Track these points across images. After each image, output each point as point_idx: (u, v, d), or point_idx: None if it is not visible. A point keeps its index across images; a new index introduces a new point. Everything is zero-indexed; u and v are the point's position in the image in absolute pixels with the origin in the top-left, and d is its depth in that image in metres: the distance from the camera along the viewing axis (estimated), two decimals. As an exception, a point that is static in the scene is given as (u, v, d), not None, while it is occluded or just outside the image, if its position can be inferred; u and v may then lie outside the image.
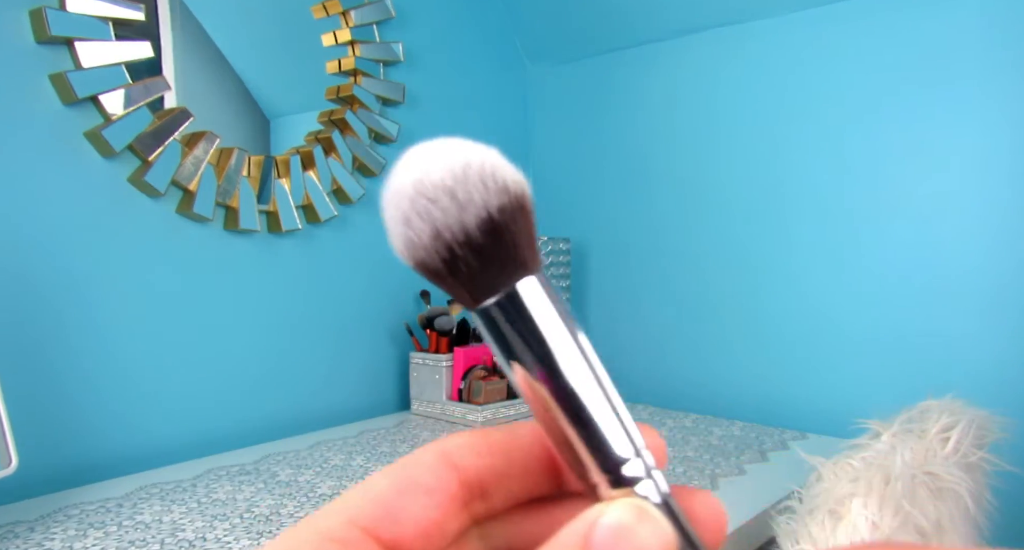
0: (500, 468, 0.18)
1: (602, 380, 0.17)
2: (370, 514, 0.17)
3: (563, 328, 0.17)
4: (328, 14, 1.36)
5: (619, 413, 0.17)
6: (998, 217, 1.20)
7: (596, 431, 0.17)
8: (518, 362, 0.17)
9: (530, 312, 0.17)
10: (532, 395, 0.17)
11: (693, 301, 1.56)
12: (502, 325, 0.17)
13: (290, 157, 1.28)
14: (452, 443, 0.18)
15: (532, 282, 0.17)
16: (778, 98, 1.43)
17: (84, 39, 0.99)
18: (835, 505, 0.69)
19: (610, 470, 0.17)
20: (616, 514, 0.15)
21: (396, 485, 0.17)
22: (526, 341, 0.17)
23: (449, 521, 0.17)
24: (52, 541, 0.79)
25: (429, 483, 0.17)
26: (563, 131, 1.79)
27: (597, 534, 0.15)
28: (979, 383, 1.20)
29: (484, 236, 0.17)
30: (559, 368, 0.17)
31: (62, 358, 1.01)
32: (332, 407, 1.38)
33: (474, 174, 0.17)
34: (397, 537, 0.17)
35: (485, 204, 0.17)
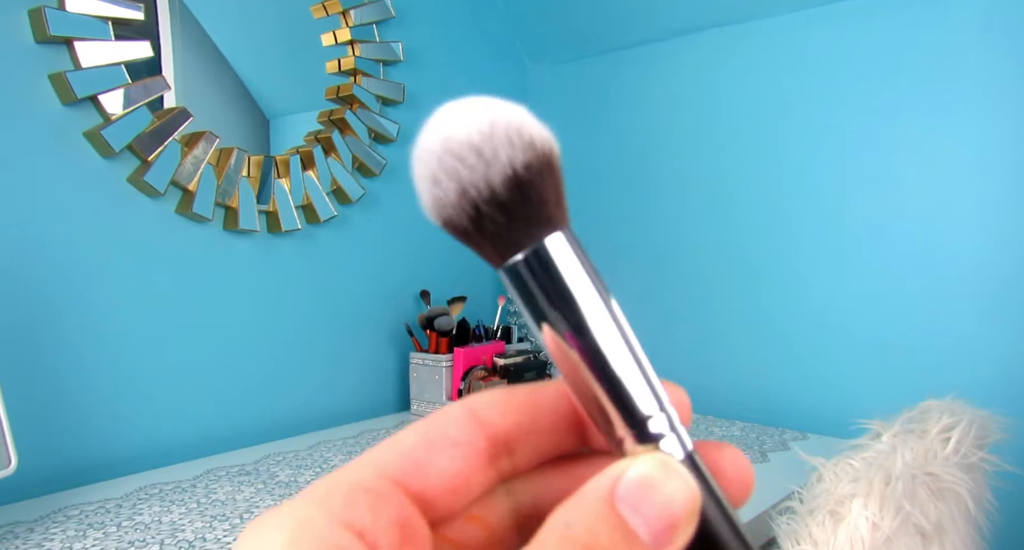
0: (525, 425, 0.18)
1: (628, 336, 0.17)
2: (399, 466, 0.17)
3: (590, 283, 0.17)
4: (328, 14, 1.36)
5: (645, 369, 0.17)
6: (998, 217, 1.20)
7: (622, 387, 0.17)
8: (545, 318, 0.17)
9: (557, 267, 0.17)
10: (559, 351, 0.17)
11: (693, 301, 1.56)
12: (529, 282, 0.17)
13: (290, 157, 1.28)
14: (478, 400, 0.18)
15: (559, 238, 0.17)
16: (778, 98, 1.43)
17: (83, 39, 0.99)
18: (835, 505, 0.68)
19: (635, 425, 0.17)
20: (642, 468, 0.15)
21: (425, 439, 0.17)
22: (552, 297, 0.17)
23: (476, 475, 0.18)
24: (52, 541, 0.79)
25: (456, 437, 0.17)
26: (563, 131, 1.77)
27: (622, 487, 0.15)
28: (980, 383, 1.20)
29: (510, 193, 0.17)
30: (586, 323, 0.17)
31: (62, 358, 1.01)
32: (332, 407, 1.38)
33: (500, 131, 0.17)
34: (425, 489, 0.17)
35: (511, 161, 0.17)
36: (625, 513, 0.15)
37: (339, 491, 0.16)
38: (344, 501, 0.16)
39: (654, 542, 0.15)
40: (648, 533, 0.15)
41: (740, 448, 1.12)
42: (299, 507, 0.15)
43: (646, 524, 0.15)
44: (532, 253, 0.17)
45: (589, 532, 0.15)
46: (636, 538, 0.15)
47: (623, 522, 0.15)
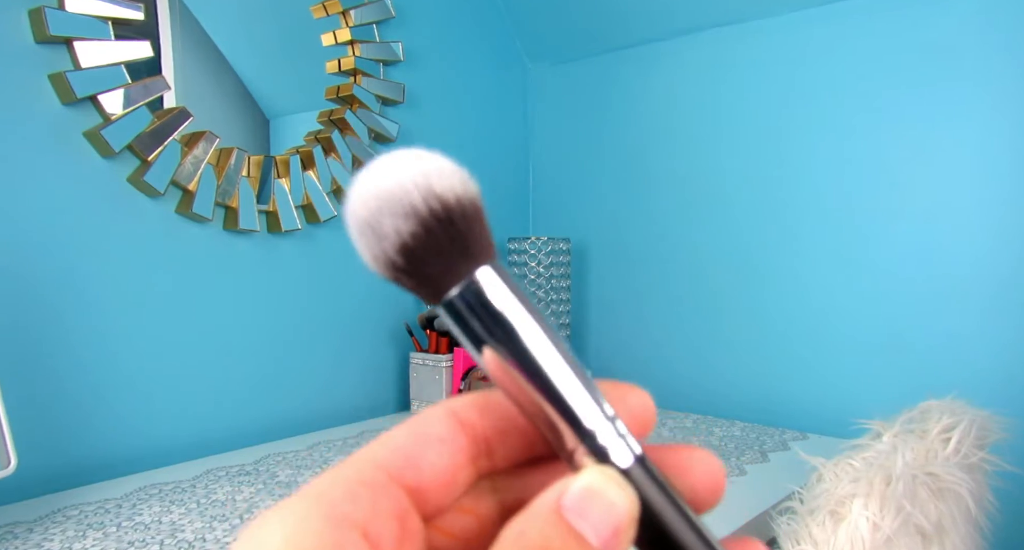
0: (502, 427, 0.20)
1: (566, 354, 0.18)
2: (393, 461, 0.18)
3: (522, 308, 0.18)
4: (328, 14, 1.36)
5: (587, 385, 0.18)
6: (999, 217, 1.20)
7: (565, 404, 0.18)
8: (485, 346, 0.18)
9: (488, 299, 0.18)
10: (502, 376, 0.18)
11: (693, 301, 1.56)
12: (464, 315, 0.19)
13: (290, 157, 1.28)
14: (457, 403, 0.20)
15: (488, 271, 0.19)
16: (778, 98, 1.43)
17: (83, 39, 0.99)
18: (836, 506, 0.68)
19: (583, 438, 0.18)
20: (584, 479, 0.17)
21: (414, 436, 0.18)
22: (489, 326, 0.18)
23: (461, 471, 0.19)
24: (51, 542, 0.79)
25: (442, 435, 0.19)
26: (563, 131, 1.79)
27: (568, 498, 0.16)
28: (980, 383, 1.20)
29: (406, 260, 0.18)
30: (523, 346, 0.18)
31: (61, 358, 1.01)
32: (332, 407, 1.38)
33: (384, 204, 0.18)
34: (419, 483, 0.18)
35: (397, 232, 0.18)
36: (573, 520, 0.16)
37: (339, 487, 0.16)
38: (344, 496, 0.16)
39: (602, 545, 0.16)
40: (596, 537, 0.16)
41: (740, 448, 1.13)
42: (298, 504, 0.16)
43: (593, 529, 0.16)
44: (467, 286, 0.18)
45: (542, 537, 0.16)
46: (586, 542, 0.16)
47: (572, 528, 0.16)
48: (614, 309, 1.70)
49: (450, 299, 0.19)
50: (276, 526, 0.15)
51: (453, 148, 1.66)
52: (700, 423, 1.35)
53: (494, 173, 1.75)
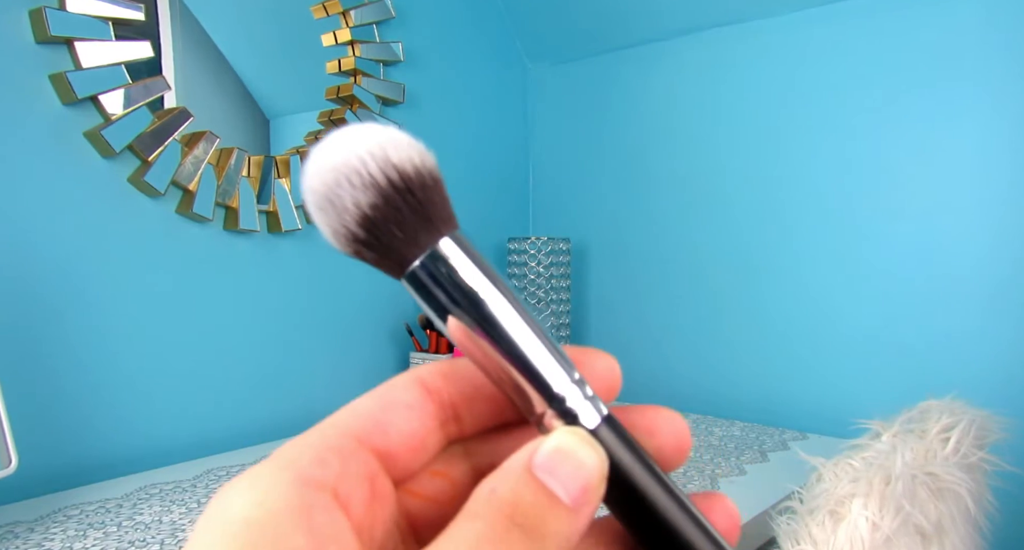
0: (469, 393, 0.20)
1: (529, 319, 0.19)
2: (361, 426, 0.18)
3: (484, 278, 0.19)
4: (328, 14, 1.36)
5: (550, 348, 0.19)
6: (998, 217, 1.20)
7: (532, 369, 0.18)
8: (451, 315, 0.19)
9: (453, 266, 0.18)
10: (469, 344, 0.18)
11: (693, 301, 1.56)
12: (428, 285, 0.19)
13: (290, 157, 1.28)
14: (424, 370, 0.20)
15: (448, 242, 0.19)
16: (778, 98, 1.43)
17: (84, 39, 0.99)
18: (835, 505, 0.68)
19: (551, 401, 0.18)
20: (556, 439, 0.17)
21: (380, 402, 0.19)
22: (452, 294, 0.18)
23: (430, 436, 0.19)
24: (52, 541, 0.79)
25: (409, 401, 0.19)
26: (563, 131, 1.79)
27: (539, 456, 0.16)
28: (980, 383, 1.20)
29: (368, 232, 0.18)
30: (488, 312, 0.18)
31: (62, 358, 1.01)
32: (332, 407, 1.36)
33: (342, 176, 0.18)
34: (387, 447, 0.18)
35: (356, 204, 0.18)
36: (544, 478, 0.16)
37: (307, 453, 0.17)
38: (313, 461, 0.16)
39: (573, 502, 0.16)
40: (566, 494, 0.16)
41: (740, 448, 1.13)
42: (267, 468, 0.16)
43: (563, 486, 0.16)
44: (429, 257, 0.18)
45: (513, 493, 0.16)
46: (557, 499, 0.16)
47: (543, 485, 0.16)
48: (614, 309, 1.70)
49: (413, 270, 0.19)
50: (245, 491, 0.15)
51: (453, 148, 1.67)
52: (700, 423, 1.35)
53: (494, 173, 1.76)
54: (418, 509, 0.19)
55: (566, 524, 0.16)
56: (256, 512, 0.15)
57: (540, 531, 0.16)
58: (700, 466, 1.08)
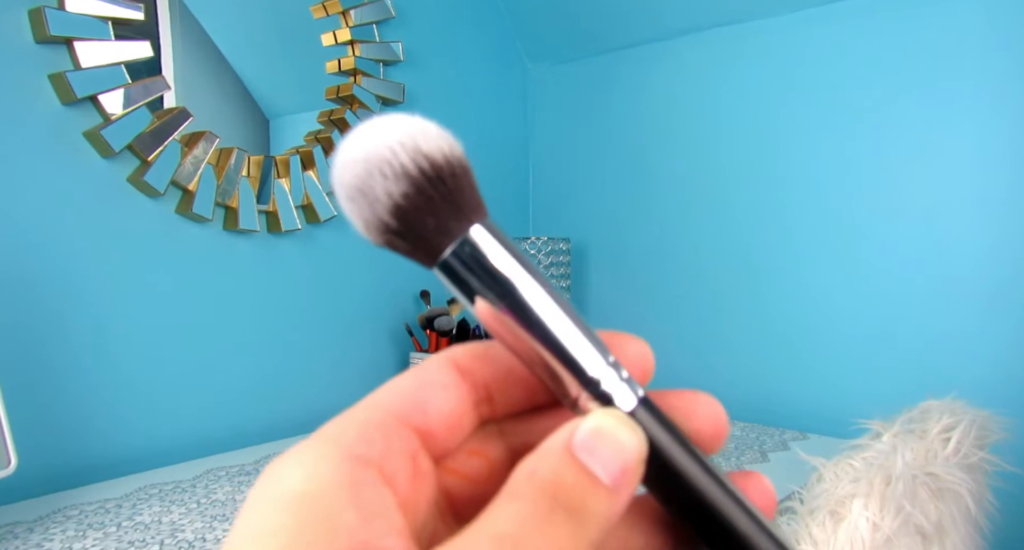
0: (501, 375, 0.20)
1: (562, 303, 0.19)
2: (401, 406, 0.18)
3: (517, 263, 0.19)
4: (328, 14, 1.36)
5: (585, 332, 0.19)
6: (998, 217, 1.20)
7: (567, 352, 0.18)
8: (484, 300, 0.19)
9: (485, 252, 0.19)
10: (502, 330, 0.19)
11: (693, 301, 1.56)
12: (461, 272, 0.19)
13: (290, 157, 1.28)
14: (457, 351, 0.20)
15: (480, 229, 0.19)
16: (778, 98, 1.43)
17: (83, 39, 0.99)
18: (836, 506, 0.68)
19: (586, 385, 0.18)
20: (594, 420, 0.17)
21: (417, 382, 0.19)
22: (485, 281, 0.18)
23: (465, 416, 0.19)
24: (51, 542, 0.79)
25: (445, 382, 0.19)
26: (563, 131, 1.79)
27: (578, 437, 0.17)
28: (980, 383, 1.20)
29: (400, 221, 0.18)
30: (521, 298, 0.18)
31: (61, 358, 1.01)
32: (332, 407, 1.37)
33: (374, 166, 0.18)
34: (426, 426, 0.18)
35: (388, 194, 0.18)
36: (583, 458, 0.16)
37: (353, 429, 0.17)
38: (358, 438, 0.17)
39: (612, 483, 0.16)
40: (606, 474, 0.16)
41: (740, 448, 1.13)
42: (315, 445, 0.16)
43: (603, 467, 0.16)
44: (460, 245, 0.19)
45: (555, 473, 0.16)
46: (597, 479, 0.16)
47: (583, 466, 0.16)
48: (614, 309, 1.70)
49: (445, 259, 0.19)
50: (296, 466, 0.16)
51: (453, 148, 1.68)
52: (700, 423, 1.35)
53: (494, 173, 1.75)
54: (456, 487, 0.19)
55: (606, 504, 0.16)
56: (308, 486, 0.15)
57: (581, 512, 0.16)
58: (700, 466, 1.08)
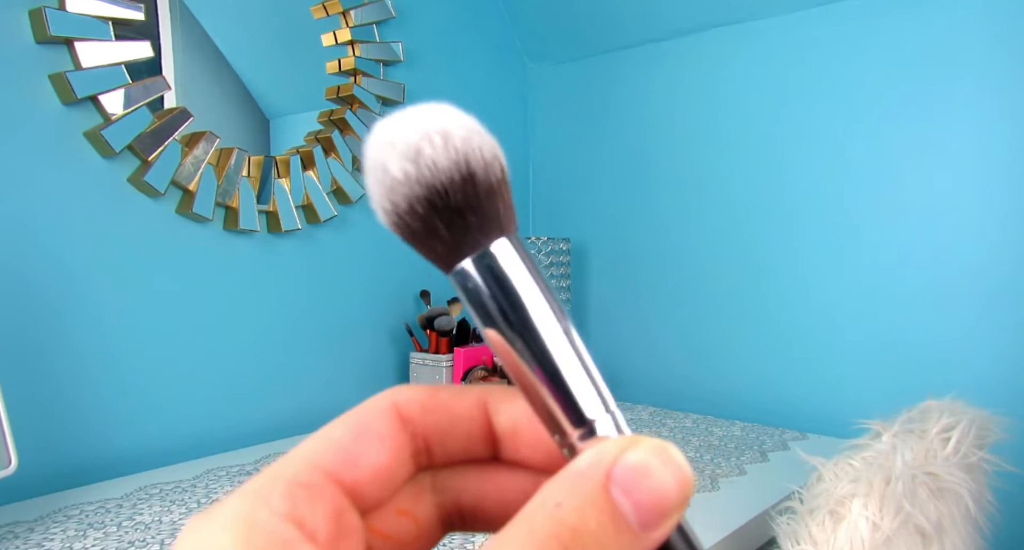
0: (441, 427, 0.19)
1: (574, 338, 0.18)
2: (331, 460, 0.17)
3: (536, 288, 0.18)
4: (328, 14, 1.36)
5: (590, 370, 0.18)
6: (999, 217, 1.20)
7: (568, 387, 0.17)
8: (492, 322, 0.18)
9: (505, 272, 0.18)
10: (507, 352, 0.18)
11: (693, 301, 1.56)
12: (478, 285, 0.18)
13: (290, 157, 1.28)
14: (403, 396, 0.19)
15: (505, 243, 0.18)
16: (779, 98, 1.43)
17: (84, 39, 0.99)
18: (835, 505, 0.68)
19: (581, 424, 0.17)
20: (640, 453, 0.15)
21: (352, 432, 0.18)
22: (500, 301, 0.17)
23: (400, 467, 0.19)
24: (52, 541, 0.79)
25: (382, 431, 0.18)
26: (563, 131, 1.79)
27: (619, 470, 0.15)
28: (980, 383, 1.20)
29: (465, 195, 0.17)
30: (533, 326, 0.17)
31: (62, 358, 1.01)
32: (332, 407, 1.38)
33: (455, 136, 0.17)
34: (356, 481, 0.18)
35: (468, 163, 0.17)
36: (617, 497, 0.15)
37: (278, 487, 0.16)
38: (283, 496, 0.16)
39: (642, 527, 0.15)
40: (637, 518, 0.15)
41: (740, 448, 1.12)
42: (239, 504, 0.16)
43: (636, 508, 0.15)
44: (480, 257, 0.18)
45: (579, 514, 0.15)
46: (625, 523, 0.15)
47: (614, 506, 0.15)
48: (614, 309, 1.70)
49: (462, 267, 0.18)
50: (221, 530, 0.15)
51: (453, 148, 1.68)
52: (700, 423, 1.35)
53: (494, 173, 1.75)
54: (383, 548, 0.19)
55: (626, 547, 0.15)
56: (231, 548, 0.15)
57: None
58: (700, 466, 1.08)
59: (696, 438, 1.24)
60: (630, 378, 1.67)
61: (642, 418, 1.39)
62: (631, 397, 1.66)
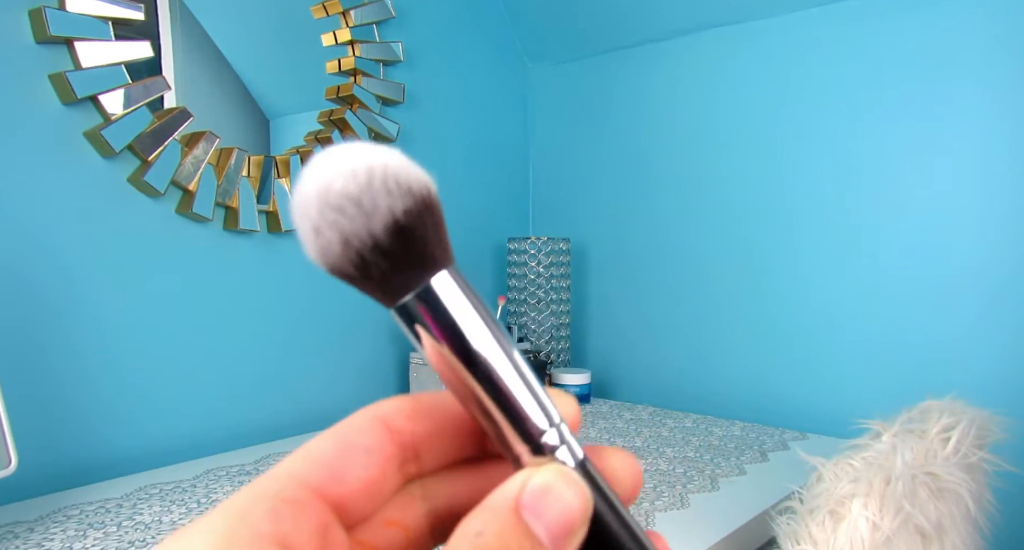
0: (430, 431, 0.20)
1: (517, 361, 0.19)
2: (316, 475, 0.17)
3: (477, 317, 0.19)
4: (328, 14, 1.36)
5: (534, 390, 0.19)
6: (999, 217, 1.20)
7: (515, 408, 0.18)
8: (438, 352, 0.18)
9: (444, 304, 0.18)
10: (454, 380, 0.19)
11: (694, 301, 1.56)
12: (420, 319, 0.18)
13: (290, 157, 1.28)
14: (385, 407, 0.20)
15: (444, 276, 0.19)
16: (779, 98, 1.43)
17: (84, 39, 0.99)
18: (835, 505, 0.68)
19: (529, 441, 0.18)
20: (542, 477, 0.17)
21: (337, 447, 0.18)
22: (444, 331, 0.18)
23: (387, 480, 0.19)
24: (51, 542, 0.79)
25: (367, 444, 0.18)
26: (563, 131, 1.79)
27: (526, 495, 0.16)
28: (980, 383, 1.20)
29: (393, 241, 0.17)
30: (477, 354, 0.18)
31: (61, 358, 1.01)
32: (332, 407, 1.38)
33: (377, 180, 0.17)
34: (342, 496, 0.18)
35: (391, 209, 0.17)
36: (528, 520, 0.16)
37: (261, 504, 0.16)
38: (267, 514, 0.16)
39: (553, 545, 0.16)
40: (548, 537, 0.16)
41: (740, 448, 1.13)
42: (221, 522, 0.16)
43: (546, 529, 0.16)
44: (421, 292, 0.18)
45: (499, 540, 0.16)
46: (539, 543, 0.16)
47: (528, 529, 0.16)
48: (614, 309, 1.70)
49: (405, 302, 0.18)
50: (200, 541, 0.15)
51: (453, 148, 1.67)
52: (700, 423, 1.35)
53: (494, 173, 1.76)
54: None
55: None
56: None
57: None
58: (700, 466, 1.08)
59: (696, 438, 1.24)
60: (630, 378, 1.67)
61: (642, 418, 1.39)
62: (631, 397, 1.66)
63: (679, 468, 1.07)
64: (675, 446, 1.19)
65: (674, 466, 1.08)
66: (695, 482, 1.01)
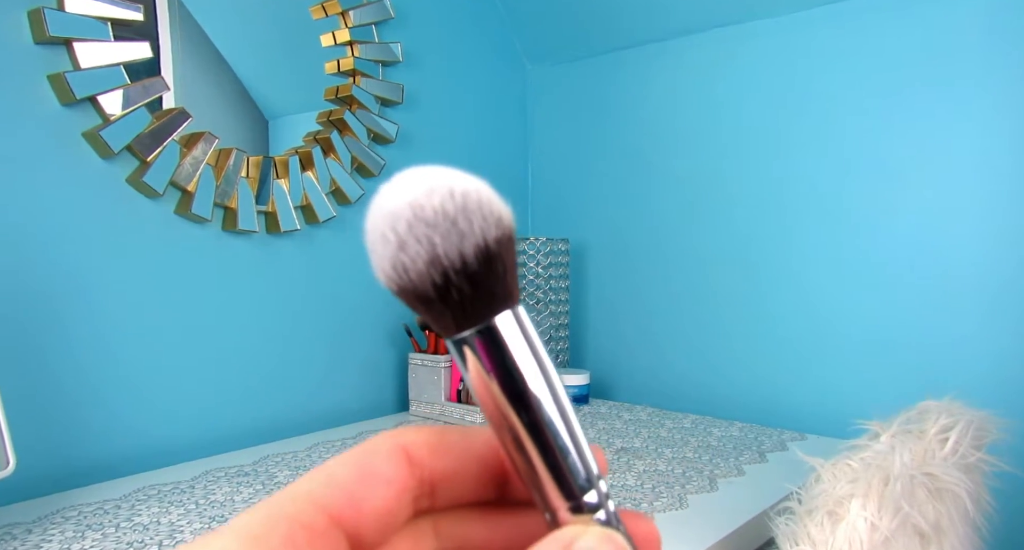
0: (451, 470, 0.19)
1: (568, 414, 0.18)
2: (335, 501, 0.17)
3: (535, 364, 0.18)
4: (327, 14, 1.36)
5: (580, 446, 0.18)
6: (999, 217, 1.20)
7: (560, 465, 0.18)
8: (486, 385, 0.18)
9: (506, 345, 0.18)
10: (498, 417, 0.18)
11: (693, 301, 1.56)
12: (479, 355, 0.18)
13: (289, 158, 1.28)
14: (410, 438, 0.19)
15: (509, 317, 0.18)
16: (778, 98, 1.43)
17: (83, 39, 0.99)
18: (834, 506, 0.69)
19: (570, 498, 0.18)
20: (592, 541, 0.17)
21: (358, 473, 0.18)
22: (500, 374, 0.18)
23: (401, 511, 0.18)
24: (50, 543, 0.79)
25: (388, 474, 0.18)
26: (563, 131, 1.79)
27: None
28: (978, 384, 1.20)
29: (480, 266, 0.17)
30: (530, 403, 0.18)
31: (60, 359, 1.01)
32: (331, 408, 1.38)
33: (473, 203, 0.17)
34: (358, 523, 0.17)
35: (484, 234, 0.17)
36: None
37: (279, 528, 0.16)
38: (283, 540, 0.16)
39: None
40: None
41: (739, 448, 1.13)
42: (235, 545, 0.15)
43: None
44: (484, 329, 0.18)
45: None
46: None
47: None
48: (613, 309, 1.70)
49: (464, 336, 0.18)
50: None
51: (453, 148, 1.67)
52: (699, 423, 1.35)
53: (493, 174, 1.75)
54: None
55: None
56: None
57: None
58: (699, 466, 1.08)
59: (695, 438, 1.24)
60: (629, 378, 1.67)
61: (641, 419, 1.39)
62: (630, 397, 1.66)
63: (678, 469, 1.07)
64: (674, 447, 1.19)
65: (673, 467, 1.08)
66: (694, 482, 1.01)
